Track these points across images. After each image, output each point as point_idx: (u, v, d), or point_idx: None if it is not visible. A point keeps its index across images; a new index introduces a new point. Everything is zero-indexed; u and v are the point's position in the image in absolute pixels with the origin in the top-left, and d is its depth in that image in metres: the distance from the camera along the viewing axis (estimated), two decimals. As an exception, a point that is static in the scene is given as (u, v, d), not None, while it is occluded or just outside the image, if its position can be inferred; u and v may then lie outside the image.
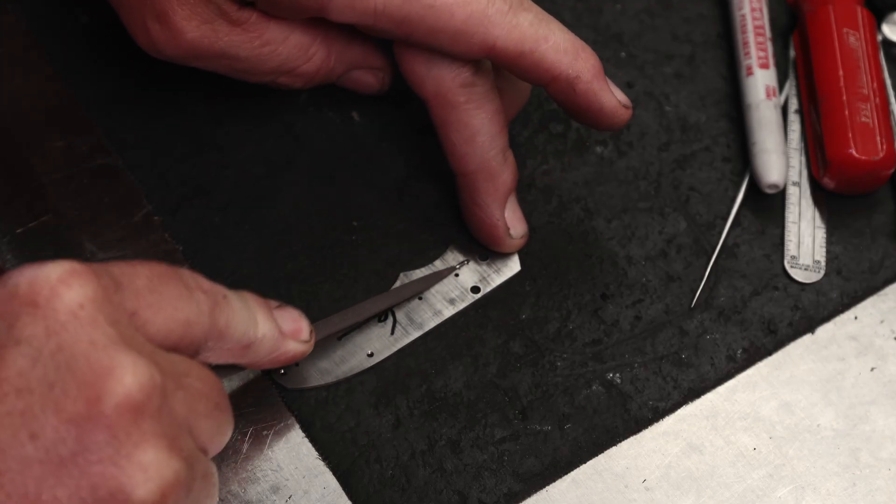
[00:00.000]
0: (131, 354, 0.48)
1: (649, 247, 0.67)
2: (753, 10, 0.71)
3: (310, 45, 0.63)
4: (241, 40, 0.62)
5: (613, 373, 0.64)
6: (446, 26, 0.59)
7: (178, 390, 0.49)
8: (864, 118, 0.67)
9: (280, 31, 0.62)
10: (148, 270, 0.52)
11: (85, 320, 0.48)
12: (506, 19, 0.60)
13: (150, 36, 0.61)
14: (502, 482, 0.61)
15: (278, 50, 0.62)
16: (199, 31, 0.61)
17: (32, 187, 0.67)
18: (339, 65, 0.65)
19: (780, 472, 0.62)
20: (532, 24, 0.60)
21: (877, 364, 0.64)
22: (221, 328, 0.54)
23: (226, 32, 0.61)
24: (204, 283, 0.54)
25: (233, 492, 0.60)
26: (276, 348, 0.58)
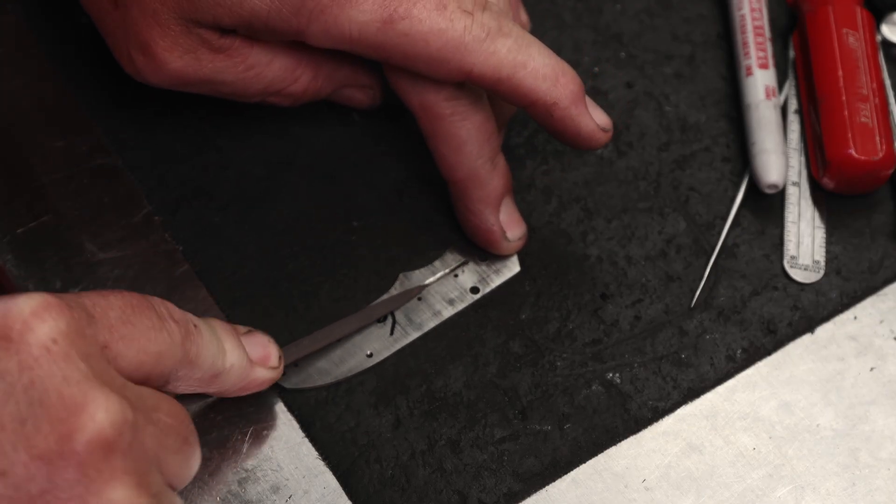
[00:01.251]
0: (104, 390, 0.48)
1: (649, 247, 0.67)
2: (753, 11, 0.71)
3: (295, 67, 0.63)
4: (225, 66, 0.62)
5: (613, 373, 0.64)
6: (422, 53, 0.59)
7: (148, 425, 0.49)
8: (864, 118, 0.67)
9: (264, 55, 0.62)
10: (121, 301, 0.52)
11: (58, 355, 0.48)
12: (482, 46, 0.59)
13: (134, 65, 0.62)
14: (502, 482, 0.61)
15: (263, 73, 0.63)
16: (183, 61, 0.61)
17: (32, 187, 0.67)
18: (328, 84, 0.65)
19: (779, 472, 0.62)
20: (510, 50, 0.60)
21: (876, 364, 0.65)
22: (192, 358, 0.54)
23: (209, 60, 0.61)
24: (175, 313, 0.54)
25: (233, 492, 0.60)
26: (244, 377, 0.58)
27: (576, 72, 0.62)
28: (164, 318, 0.53)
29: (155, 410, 0.50)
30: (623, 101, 0.71)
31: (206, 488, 0.60)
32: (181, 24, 0.60)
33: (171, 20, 0.60)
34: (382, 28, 0.59)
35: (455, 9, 0.59)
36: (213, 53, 0.61)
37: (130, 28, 0.60)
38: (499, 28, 0.60)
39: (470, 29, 0.59)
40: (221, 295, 0.64)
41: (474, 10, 0.59)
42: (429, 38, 0.59)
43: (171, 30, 0.60)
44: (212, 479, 0.60)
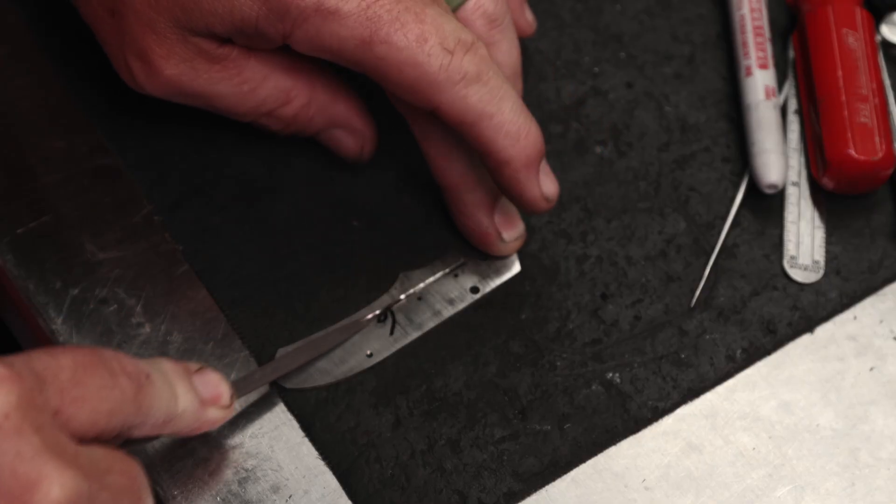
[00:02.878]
0: (58, 464, 0.47)
1: (649, 247, 0.67)
2: (753, 11, 0.71)
3: (290, 89, 0.63)
4: (220, 77, 0.62)
5: (613, 372, 0.64)
6: (394, 79, 0.59)
7: (101, 491, 0.49)
8: (863, 118, 0.67)
9: (260, 71, 0.62)
10: (71, 361, 0.51)
11: (10, 430, 0.47)
12: (454, 89, 0.59)
13: (131, 73, 0.62)
14: (502, 482, 0.61)
15: (258, 89, 0.62)
16: (178, 69, 0.61)
17: (32, 187, 0.67)
18: (319, 116, 0.64)
19: (779, 472, 0.62)
20: (481, 99, 0.59)
21: (876, 364, 0.65)
22: (145, 410, 0.53)
23: (205, 70, 0.61)
24: (128, 365, 0.53)
25: (233, 491, 0.60)
26: (196, 419, 0.57)
27: (540, 134, 0.61)
28: (116, 373, 0.52)
29: (108, 473, 0.50)
30: (623, 101, 0.71)
31: (206, 488, 0.60)
32: (177, 32, 0.60)
33: (168, 28, 0.60)
34: (361, 46, 0.58)
35: (435, 44, 0.58)
36: (209, 64, 0.61)
37: (127, 36, 0.60)
38: (477, 75, 0.59)
39: (446, 68, 0.58)
40: (221, 295, 0.64)
41: (455, 50, 0.58)
42: (403, 68, 0.58)
43: (168, 38, 0.60)
44: (212, 478, 0.60)
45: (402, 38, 0.58)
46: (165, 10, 0.59)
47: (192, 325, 0.64)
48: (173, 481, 0.60)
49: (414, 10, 0.58)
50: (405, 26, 0.58)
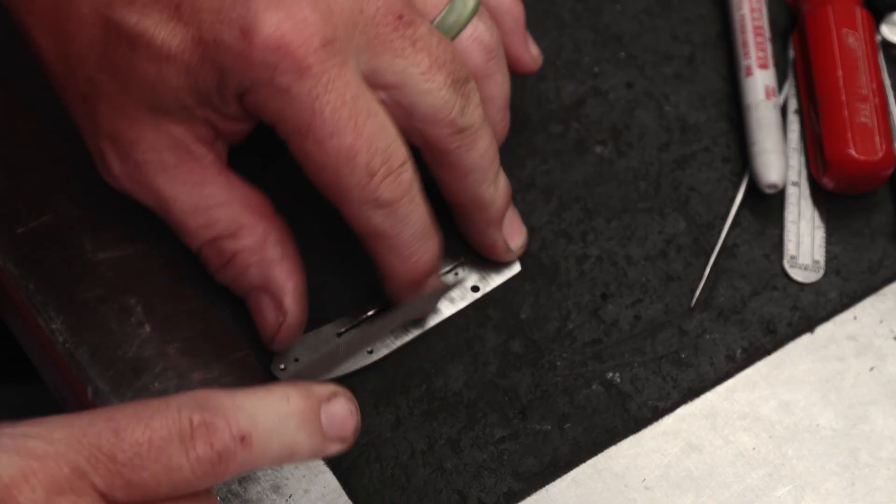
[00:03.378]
0: None
1: (649, 247, 0.67)
2: (753, 11, 0.71)
3: (245, 225, 0.60)
4: (184, 179, 0.59)
5: (613, 372, 0.64)
6: (310, 171, 0.58)
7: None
8: (864, 118, 0.67)
9: (225, 192, 0.60)
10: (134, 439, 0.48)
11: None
12: (361, 208, 0.58)
13: (104, 157, 0.60)
14: (502, 481, 0.61)
15: (214, 209, 0.60)
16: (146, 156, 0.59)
17: (32, 187, 0.67)
18: (257, 270, 0.60)
19: (779, 472, 0.62)
20: (384, 223, 0.58)
21: (876, 364, 0.65)
22: (229, 475, 0.50)
23: (173, 165, 0.59)
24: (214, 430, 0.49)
25: (233, 491, 0.60)
26: (317, 455, 0.53)
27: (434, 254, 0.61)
28: (191, 448, 0.48)
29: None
30: (623, 101, 0.71)
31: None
32: (149, 116, 0.58)
33: (138, 112, 0.58)
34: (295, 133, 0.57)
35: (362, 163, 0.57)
36: (179, 159, 0.59)
37: (99, 121, 0.59)
38: (388, 201, 0.58)
39: (361, 188, 0.57)
40: (222, 295, 0.64)
41: (378, 173, 0.57)
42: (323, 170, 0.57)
43: (139, 122, 0.58)
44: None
45: (335, 145, 0.56)
46: (136, 92, 0.58)
47: (192, 325, 0.64)
48: (173, 481, 0.60)
49: (355, 119, 0.56)
50: (341, 133, 0.56)
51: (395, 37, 0.58)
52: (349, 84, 0.56)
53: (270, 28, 0.55)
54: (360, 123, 0.57)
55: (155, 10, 0.56)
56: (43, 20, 0.59)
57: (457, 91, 0.59)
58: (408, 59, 0.58)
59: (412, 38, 0.58)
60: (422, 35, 0.58)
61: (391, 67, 0.58)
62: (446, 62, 0.59)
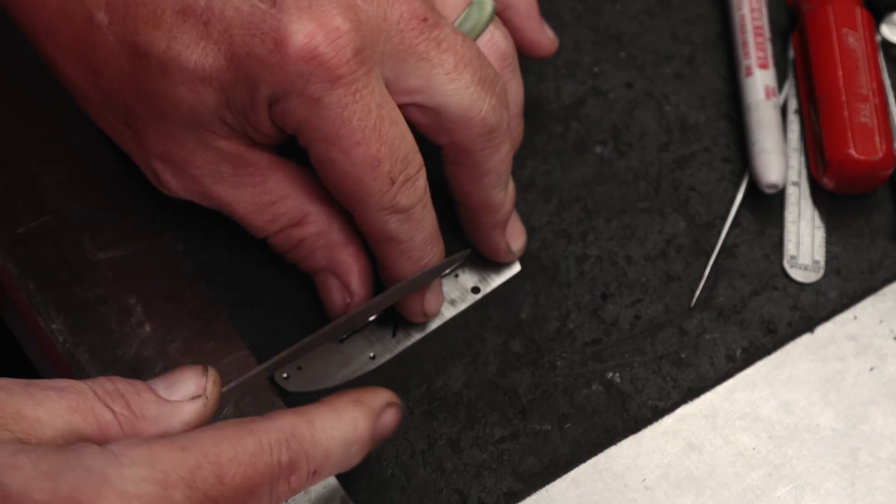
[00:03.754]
0: None
1: (649, 247, 0.67)
2: (753, 11, 0.72)
3: (309, 213, 0.61)
4: (244, 182, 0.60)
5: (613, 372, 0.64)
6: (330, 178, 0.58)
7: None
8: (864, 118, 0.67)
9: (285, 186, 0.60)
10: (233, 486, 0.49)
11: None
12: (378, 214, 0.58)
13: (158, 176, 0.60)
14: (502, 481, 0.61)
15: (277, 204, 0.60)
16: (203, 171, 0.59)
17: (32, 187, 0.67)
18: (323, 254, 0.62)
19: (779, 472, 0.62)
20: (398, 228, 0.59)
21: (876, 364, 0.65)
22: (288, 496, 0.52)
23: (230, 174, 0.59)
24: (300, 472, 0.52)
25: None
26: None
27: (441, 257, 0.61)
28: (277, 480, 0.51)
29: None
30: (623, 101, 0.71)
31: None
32: (195, 137, 0.58)
33: (184, 134, 0.58)
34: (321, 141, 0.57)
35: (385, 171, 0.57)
36: (235, 168, 0.59)
37: (148, 144, 0.59)
38: (406, 208, 0.58)
39: (382, 195, 0.57)
40: (222, 295, 0.64)
41: (398, 181, 0.58)
42: (346, 178, 0.57)
43: (187, 143, 0.58)
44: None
45: (361, 153, 0.56)
46: (177, 117, 0.57)
47: (192, 325, 0.64)
48: (173, 481, 0.60)
49: (380, 127, 0.57)
50: (367, 142, 0.56)
51: (420, 40, 0.57)
52: (374, 92, 0.56)
53: (304, 39, 0.55)
54: (385, 132, 0.57)
55: (183, 32, 0.55)
56: (68, 53, 0.58)
57: (485, 89, 0.59)
58: (433, 60, 0.58)
59: (437, 40, 0.58)
60: (446, 35, 0.58)
61: (416, 71, 0.58)
62: (472, 60, 0.59)
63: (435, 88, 0.58)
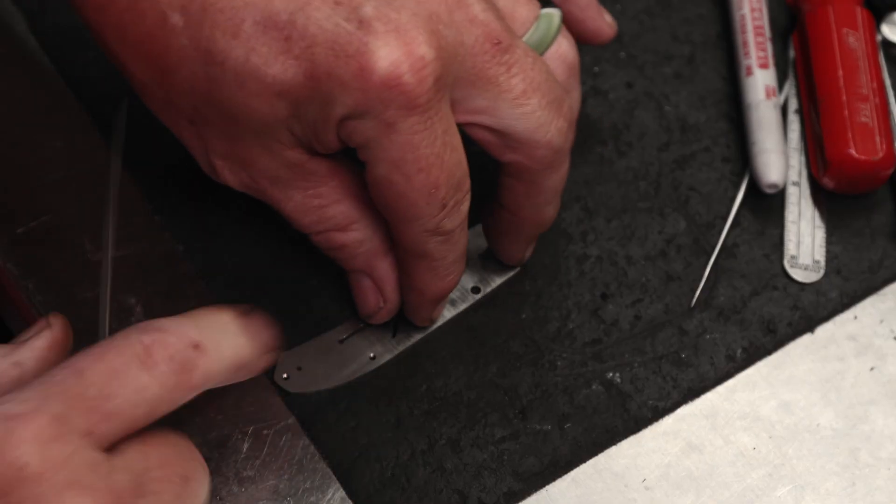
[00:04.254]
0: (81, 496, 0.47)
1: (649, 247, 0.67)
2: (753, 11, 0.72)
3: (355, 220, 0.61)
4: (298, 185, 0.59)
5: (613, 372, 0.64)
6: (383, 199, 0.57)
7: (140, 498, 0.49)
8: (864, 118, 0.67)
9: (337, 192, 0.60)
10: (97, 374, 0.49)
11: (30, 477, 0.47)
12: (422, 236, 0.58)
13: (215, 171, 0.59)
14: (502, 481, 0.61)
15: (326, 208, 0.60)
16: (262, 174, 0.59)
17: (32, 187, 0.67)
18: (363, 259, 0.62)
19: (779, 472, 0.62)
20: (436, 248, 0.59)
21: (876, 364, 0.65)
22: (196, 384, 0.51)
23: (288, 178, 0.59)
24: (170, 345, 0.51)
25: (233, 492, 0.60)
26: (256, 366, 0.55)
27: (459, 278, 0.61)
28: (154, 364, 0.50)
29: (146, 472, 0.50)
30: (623, 101, 0.71)
31: (207, 488, 0.60)
32: (259, 143, 0.58)
33: (249, 138, 0.57)
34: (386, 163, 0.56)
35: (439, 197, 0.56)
36: (293, 174, 0.59)
37: (210, 142, 0.58)
38: (449, 231, 0.58)
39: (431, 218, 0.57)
40: (222, 295, 0.64)
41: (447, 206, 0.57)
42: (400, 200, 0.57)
43: (252, 148, 0.58)
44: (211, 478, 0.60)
45: (422, 179, 0.56)
46: (245, 121, 0.57)
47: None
48: (173, 481, 0.60)
49: (442, 155, 0.56)
50: (429, 169, 0.56)
51: (491, 65, 0.57)
52: (443, 119, 0.56)
53: (389, 66, 0.53)
54: (446, 159, 0.56)
55: (263, 44, 0.54)
56: (137, 51, 0.56)
57: (553, 112, 0.58)
58: (501, 85, 0.57)
59: (507, 64, 0.57)
60: (517, 59, 0.57)
61: (484, 94, 0.57)
62: (541, 84, 0.58)
63: (502, 112, 0.57)
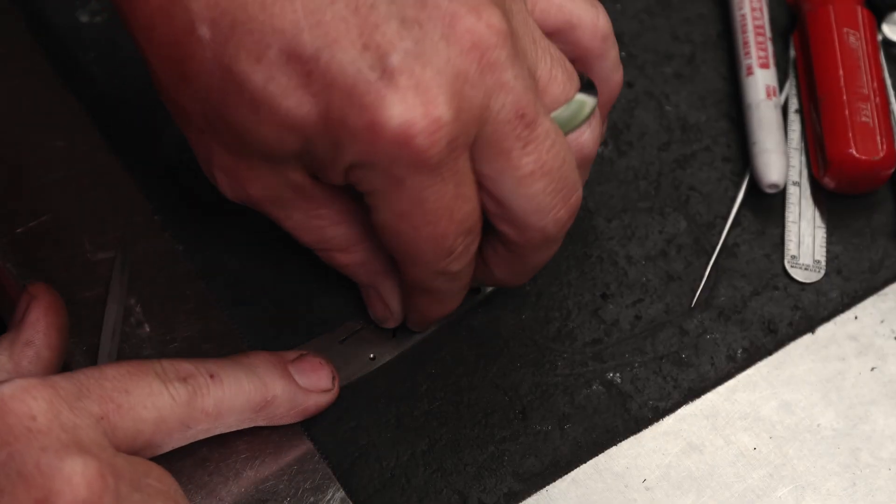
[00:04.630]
0: (82, 456, 0.50)
1: (649, 246, 0.67)
2: (753, 10, 0.71)
3: (356, 242, 0.60)
4: (300, 206, 0.59)
5: (613, 372, 0.64)
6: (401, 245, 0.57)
7: (134, 492, 0.51)
8: (865, 118, 0.67)
9: (338, 214, 0.59)
10: (115, 371, 0.54)
11: (37, 430, 0.51)
12: (428, 276, 0.58)
13: (216, 182, 0.59)
14: (502, 482, 0.61)
15: (327, 229, 0.60)
16: (263, 193, 0.58)
17: (32, 187, 0.67)
18: (365, 275, 0.62)
19: (780, 472, 0.62)
20: (443, 285, 0.59)
21: (877, 364, 0.65)
22: (210, 410, 0.56)
23: (290, 199, 0.59)
24: (184, 370, 0.56)
25: (233, 492, 0.60)
26: (294, 405, 0.59)
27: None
28: (167, 380, 0.55)
29: (145, 476, 0.52)
30: (623, 101, 0.71)
31: (206, 488, 0.60)
32: (266, 162, 0.57)
33: (255, 157, 0.57)
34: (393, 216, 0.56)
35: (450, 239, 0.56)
36: (295, 194, 0.58)
37: (215, 154, 0.58)
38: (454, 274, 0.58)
39: (438, 261, 0.57)
40: (222, 295, 0.64)
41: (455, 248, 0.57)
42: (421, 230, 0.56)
43: (256, 166, 0.57)
44: (211, 479, 0.60)
45: (429, 231, 0.55)
46: (250, 143, 0.56)
47: (191, 325, 0.64)
48: (173, 481, 0.60)
49: (452, 208, 0.55)
50: (437, 222, 0.55)
51: (510, 137, 0.55)
52: (456, 174, 0.55)
53: (401, 125, 0.52)
54: (456, 210, 0.55)
55: (283, 74, 0.53)
56: (161, 51, 0.56)
57: (556, 200, 0.57)
58: (512, 160, 0.55)
59: (525, 140, 0.55)
60: (535, 137, 0.55)
61: (493, 163, 0.55)
62: (552, 170, 0.56)
63: (506, 186, 0.56)
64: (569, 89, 0.58)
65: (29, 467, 0.50)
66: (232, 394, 0.57)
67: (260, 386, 0.58)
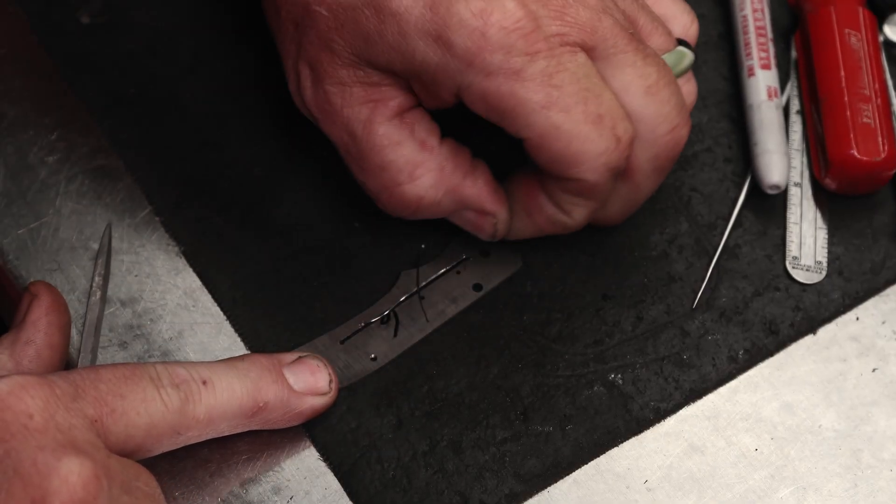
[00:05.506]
0: (78, 456, 0.51)
1: (651, 247, 0.67)
2: (755, 11, 0.71)
3: (418, 165, 0.61)
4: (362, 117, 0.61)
5: (615, 373, 0.64)
6: (564, 142, 0.59)
7: (124, 495, 0.52)
8: (866, 119, 0.67)
9: (397, 133, 0.61)
10: (111, 374, 0.54)
11: (34, 428, 0.51)
12: (605, 175, 0.60)
13: (299, 80, 0.61)
14: (504, 483, 0.61)
15: (386, 149, 0.61)
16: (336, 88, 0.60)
17: (33, 187, 0.67)
18: (448, 199, 0.62)
19: (781, 473, 0.62)
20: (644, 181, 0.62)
21: (878, 365, 0.65)
22: (201, 417, 0.56)
23: (357, 100, 0.60)
24: (177, 376, 0.56)
25: (234, 493, 0.60)
26: (290, 408, 0.59)
27: None
28: (161, 385, 0.55)
29: (134, 479, 0.53)
30: (624, 102, 0.71)
31: (208, 489, 0.60)
32: (352, 58, 0.59)
33: (344, 51, 0.59)
34: (537, 111, 0.58)
35: (608, 126, 0.58)
36: (364, 95, 0.60)
37: (304, 47, 0.60)
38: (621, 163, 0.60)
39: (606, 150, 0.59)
40: (222, 295, 0.64)
41: (621, 138, 0.59)
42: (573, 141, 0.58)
43: (341, 58, 0.59)
44: (213, 479, 0.60)
45: (581, 110, 0.58)
46: (349, 36, 0.59)
47: (192, 326, 0.64)
48: (174, 482, 0.60)
49: (593, 91, 0.58)
50: (585, 101, 0.58)
51: (630, 49, 0.59)
52: (581, 66, 0.58)
53: (507, 12, 0.57)
54: (599, 94, 0.58)
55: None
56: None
57: (680, 114, 0.60)
58: (637, 69, 0.59)
59: (644, 53, 0.59)
60: (652, 52, 0.60)
61: (619, 74, 0.59)
62: (672, 81, 0.60)
63: (632, 95, 0.59)
64: (668, 41, 0.62)
65: (26, 465, 0.50)
66: (224, 400, 0.57)
67: (253, 391, 0.58)
